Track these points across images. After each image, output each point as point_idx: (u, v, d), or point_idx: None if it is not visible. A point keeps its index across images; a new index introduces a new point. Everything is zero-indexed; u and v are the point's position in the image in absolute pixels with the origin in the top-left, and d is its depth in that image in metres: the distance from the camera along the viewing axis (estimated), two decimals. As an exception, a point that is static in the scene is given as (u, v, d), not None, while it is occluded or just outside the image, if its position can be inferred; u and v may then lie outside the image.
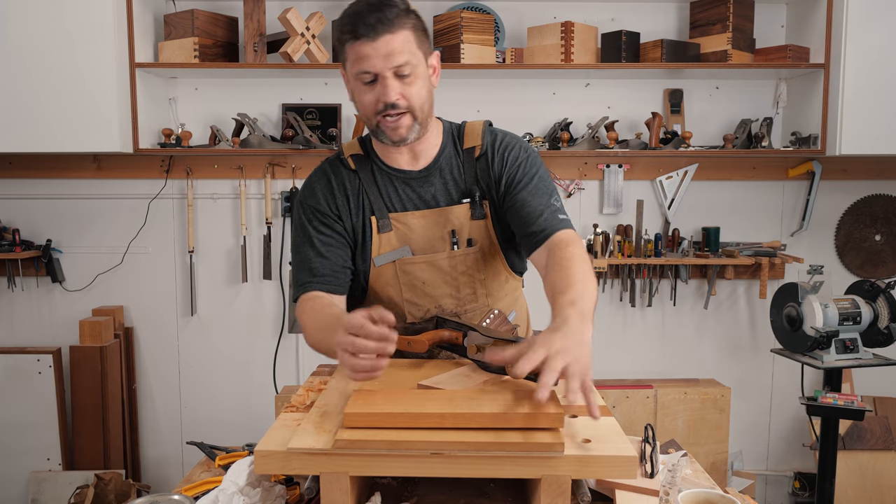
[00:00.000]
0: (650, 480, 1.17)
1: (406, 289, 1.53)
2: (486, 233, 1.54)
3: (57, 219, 3.14)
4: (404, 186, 1.54)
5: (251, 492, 1.13)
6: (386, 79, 1.39)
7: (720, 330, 3.25)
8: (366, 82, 1.41)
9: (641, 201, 3.14)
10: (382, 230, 1.52)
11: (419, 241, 1.52)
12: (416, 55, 1.41)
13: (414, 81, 1.41)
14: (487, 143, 1.55)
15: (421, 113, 1.44)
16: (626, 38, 2.89)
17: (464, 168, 1.55)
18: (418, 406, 1.06)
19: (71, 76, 2.72)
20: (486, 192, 1.54)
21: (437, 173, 1.54)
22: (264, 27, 2.87)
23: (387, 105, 1.40)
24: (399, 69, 1.38)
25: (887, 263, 3.23)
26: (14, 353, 3.07)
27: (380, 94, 1.40)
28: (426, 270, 1.52)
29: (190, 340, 3.21)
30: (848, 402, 2.51)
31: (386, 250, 1.52)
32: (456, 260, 1.53)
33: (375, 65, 1.38)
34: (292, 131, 2.96)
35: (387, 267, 1.52)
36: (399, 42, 1.37)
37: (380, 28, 1.36)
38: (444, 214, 1.53)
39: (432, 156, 1.55)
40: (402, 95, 1.41)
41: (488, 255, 1.55)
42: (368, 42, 1.36)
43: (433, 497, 1.16)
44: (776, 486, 3.31)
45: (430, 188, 1.54)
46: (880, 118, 2.78)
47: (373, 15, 1.36)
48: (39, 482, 3.02)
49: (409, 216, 1.52)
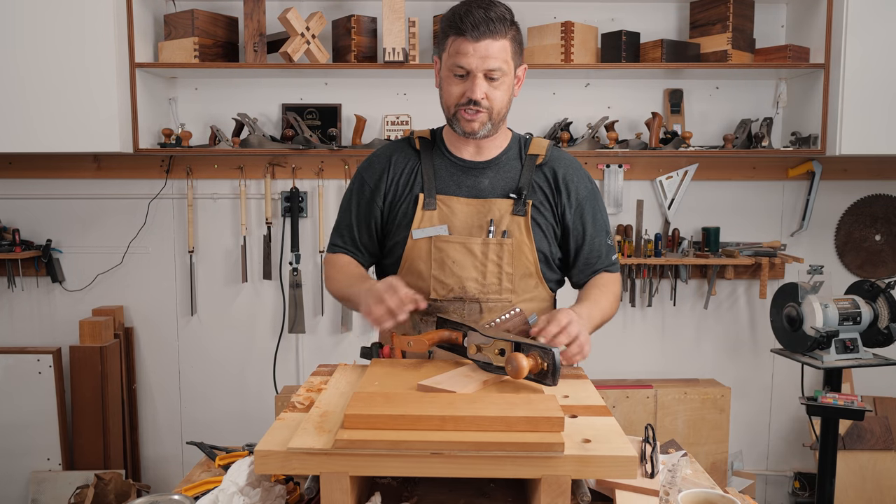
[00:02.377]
0: (650, 480, 1.17)
1: (436, 265, 1.62)
2: (522, 230, 1.62)
3: (57, 219, 3.14)
4: (460, 174, 1.66)
5: (251, 492, 1.13)
6: (476, 77, 1.53)
7: (720, 330, 3.25)
8: (457, 75, 1.55)
9: (641, 201, 3.14)
10: (427, 207, 1.63)
11: (458, 225, 1.63)
12: (509, 64, 1.55)
13: (500, 86, 1.55)
14: (550, 157, 1.69)
15: (497, 115, 1.58)
16: (626, 38, 2.89)
17: (522, 170, 1.67)
18: (419, 408, 1.06)
19: (71, 76, 2.72)
20: (534, 196, 1.65)
21: (495, 168, 1.67)
22: (264, 27, 2.87)
23: (471, 100, 1.54)
24: (490, 72, 1.53)
25: (887, 263, 3.23)
26: (14, 353, 3.07)
27: (468, 88, 1.54)
28: (458, 251, 1.61)
29: (190, 340, 3.21)
30: (848, 402, 2.51)
31: (426, 226, 1.63)
32: (488, 247, 1.61)
33: (471, 63, 1.52)
34: (292, 131, 2.96)
35: (423, 241, 1.62)
36: (497, 48, 1.52)
37: (485, 31, 1.50)
38: (488, 205, 1.63)
39: (495, 154, 1.68)
40: (487, 96, 1.55)
41: (521, 251, 1.63)
42: (471, 42, 1.51)
43: (433, 497, 1.16)
44: (776, 486, 3.31)
45: (485, 180, 1.66)
46: (880, 118, 2.78)
47: (481, 15, 1.50)
48: (39, 482, 3.02)
49: (454, 200, 1.64)
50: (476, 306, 1.62)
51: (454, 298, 1.62)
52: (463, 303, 1.62)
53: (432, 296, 1.62)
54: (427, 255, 1.62)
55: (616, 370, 3.23)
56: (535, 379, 1.28)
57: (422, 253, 1.63)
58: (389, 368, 1.39)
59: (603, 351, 3.23)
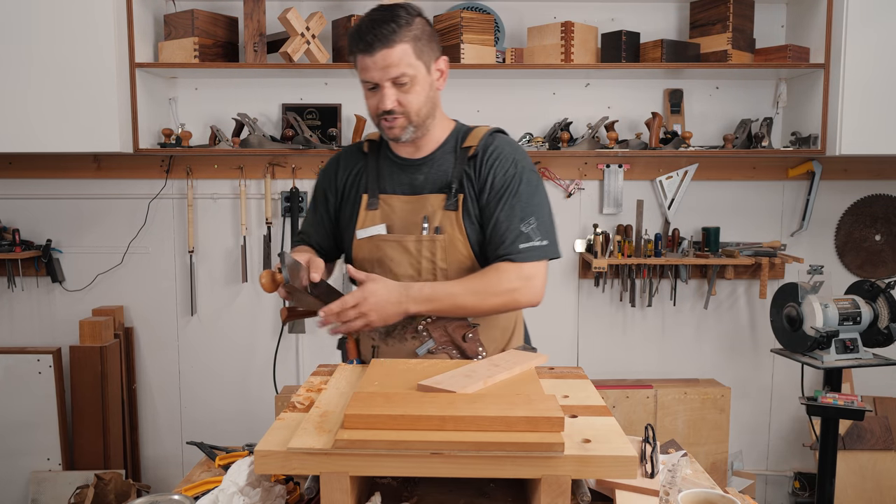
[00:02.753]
0: (650, 480, 1.17)
1: (376, 264, 1.66)
2: (455, 225, 1.61)
3: (57, 219, 3.14)
4: (399, 172, 1.69)
5: (251, 492, 1.13)
6: (384, 88, 1.56)
7: (720, 330, 3.25)
8: (369, 89, 1.59)
9: (641, 201, 3.14)
10: (370, 207, 1.68)
11: (398, 223, 1.65)
12: (415, 65, 1.56)
13: (411, 89, 1.57)
14: (482, 146, 1.66)
15: (417, 117, 1.59)
16: (626, 38, 2.89)
17: (455, 164, 1.66)
18: (419, 408, 1.06)
19: (71, 76, 2.72)
20: (468, 189, 1.63)
21: (430, 164, 1.68)
22: (264, 27, 2.87)
23: (383, 111, 1.57)
24: (396, 79, 1.55)
25: (887, 263, 3.23)
26: (14, 353, 3.07)
27: (378, 100, 1.57)
28: (395, 249, 1.64)
29: (190, 340, 3.21)
30: (848, 402, 2.51)
31: (368, 225, 1.67)
32: (422, 244, 1.63)
33: (374, 76, 1.55)
34: (292, 131, 2.96)
35: (365, 241, 1.67)
36: (396, 56, 1.53)
37: (377, 44, 1.52)
38: (423, 201, 1.65)
39: (432, 149, 1.69)
40: (399, 102, 1.57)
41: (453, 246, 1.62)
42: (367, 56, 1.54)
43: (433, 497, 1.16)
44: (776, 486, 3.31)
45: (420, 176, 1.67)
46: (880, 118, 2.78)
47: (371, 32, 1.52)
48: (39, 482, 3.02)
49: (394, 198, 1.67)
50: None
51: None
52: None
53: None
54: (369, 255, 1.66)
55: (616, 370, 3.23)
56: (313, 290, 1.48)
57: (365, 252, 1.67)
58: (389, 368, 1.39)
59: (603, 351, 3.23)
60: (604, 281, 3.18)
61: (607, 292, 3.21)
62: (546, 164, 3.12)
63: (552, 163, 3.12)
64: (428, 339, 1.64)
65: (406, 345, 1.65)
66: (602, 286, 3.19)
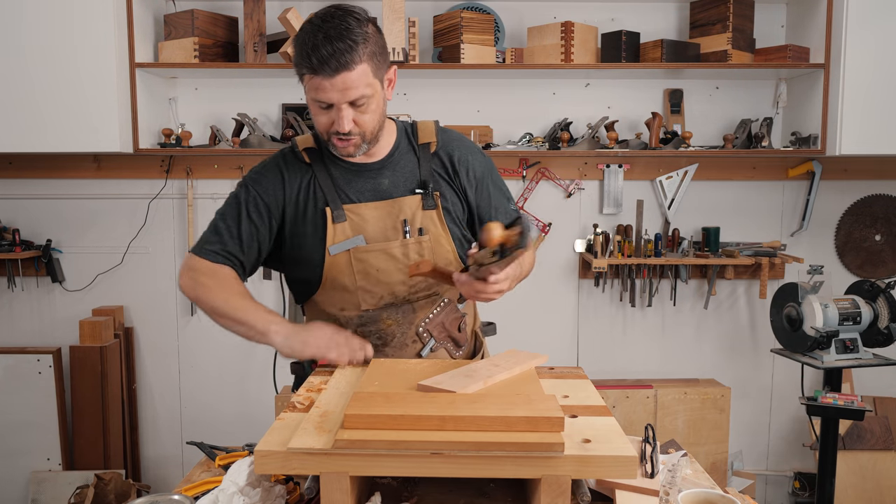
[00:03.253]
0: (650, 480, 1.17)
1: (360, 277, 1.57)
2: (436, 223, 1.60)
3: (57, 219, 3.14)
4: (358, 179, 1.59)
5: (251, 492, 1.13)
6: (341, 110, 1.44)
7: (720, 330, 3.25)
8: (321, 108, 1.46)
9: (641, 201, 3.14)
10: (337, 220, 1.56)
11: (372, 231, 1.57)
12: (373, 84, 1.46)
13: (367, 109, 1.47)
14: (441, 142, 1.64)
15: (371, 134, 1.52)
16: (626, 38, 2.89)
17: (419, 162, 1.62)
18: (419, 408, 1.06)
19: (71, 76, 2.72)
20: (439, 186, 1.62)
21: (391, 167, 1.61)
22: (264, 27, 2.87)
23: (339, 133, 1.47)
24: (355, 101, 1.44)
25: (887, 263, 3.23)
26: (14, 353, 3.07)
27: (335, 119, 1.46)
28: (380, 258, 1.57)
29: (190, 340, 3.21)
30: (848, 402, 2.51)
31: (340, 239, 1.56)
32: (408, 248, 1.58)
33: (331, 97, 1.43)
34: (292, 131, 2.96)
35: (341, 256, 1.56)
36: (355, 77, 1.41)
37: (337, 66, 1.39)
38: (397, 205, 1.58)
39: (386, 151, 1.61)
40: (356, 122, 1.47)
41: (439, 244, 1.60)
42: (326, 79, 1.40)
43: (433, 497, 1.16)
44: (776, 486, 3.31)
45: (384, 180, 1.60)
46: (880, 118, 2.78)
47: (328, 52, 1.38)
48: (39, 482, 3.02)
49: (362, 207, 1.58)
50: (408, 307, 1.61)
51: (385, 305, 1.59)
52: (395, 307, 1.60)
53: (363, 307, 1.59)
54: (349, 269, 1.56)
55: (616, 370, 3.23)
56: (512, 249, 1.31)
57: (342, 267, 1.56)
58: (389, 368, 1.39)
59: (603, 351, 3.23)
60: (604, 281, 3.18)
61: (607, 292, 3.21)
62: (546, 164, 3.12)
63: (552, 163, 3.12)
64: (429, 339, 1.64)
65: (407, 350, 1.63)
66: (602, 286, 3.19)
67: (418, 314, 1.62)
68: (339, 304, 1.61)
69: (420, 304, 1.62)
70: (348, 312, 1.60)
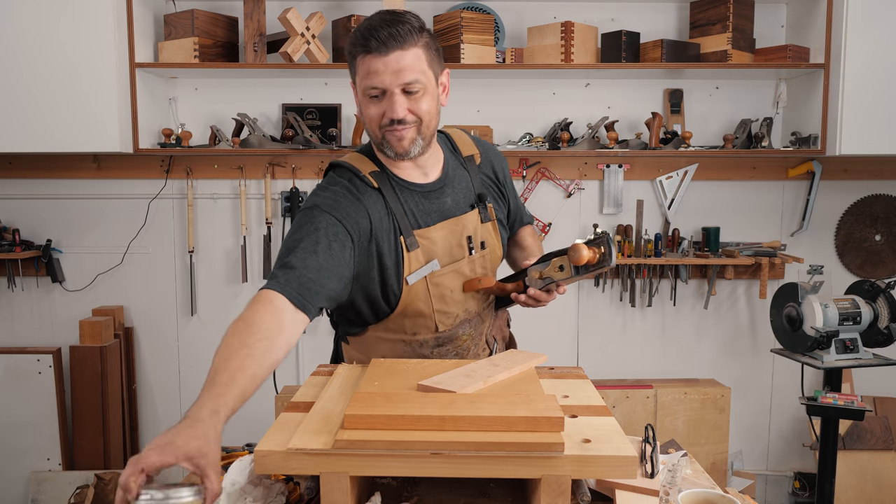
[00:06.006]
0: (650, 480, 1.17)
1: (436, 300, 1.54)
2: (492, 234, 1.62)
3: (57, 219, 3.14)
4: (423, 200, 1.53)
5: (252, 490, 1.13)
6: (394, 95, 1.39)
7: (720, 330, 3.25)
8: (372, 97, 1.42)
9: (641, 201, 3.14)
10: (411, 248, 1.49)
11: (441, 253, 1.53)
12: (427, 74, 1.42)
13: (422, 98, 1.42)
14: (481, 150, 1.67)
15: (427, 129, 1.45)
16: (626, 38, 2.89)
17: (470, 176, 1.61)
18: (419, 408, 1.06)
19: (71, 76, 2.72)
20: (489, 196, 1.64)
21: (450, 184, 1.57)
22: (264, 27, 2.87)
23: (393, 121, 1.41)
24: (408, 86, 1.39)
25: (887, 263, 3.23)
26: (14, 353, 3.07)
27: (387, 108, 1.41)
28: (452, 278, 1.55)
29: (190, 340, 3.21)
30: (848, 402, 2.51)
31: (416, 267, 1.50)
32: (475, 263, 1.58)
33: (384, 80, 1.38)
34: (292, 131, 2.96)
35: (418, 283, 1.51)
36: (409, 59, 1.38)
37: (391, 44, 1.36)
38: (460, 223, 1.56)
39: (440, 169, 1.57)
40: (410, 111, 1.42)
41: (495, 254, 1.63)
42: (379, 57, 1.37)
43: (433, 497, 1.16)
44: (776, 486, 3.31)
45: (446, 199, 1.56)
46: (880, 118, 2.78)
47: (385, 30, 1.37)
48: (39, 482, 3.02)
49: (430, 231, 1.52)
50: (478, 319, 1.63)
51: (461, 323, 1.59)
52: (469, 322, 1.60)
53: (440, 329, 1.56)
54: (426, 294, 1.52)
55: (616, 370, 3.23)
56: (594, 268, 1.42)
57: (419, 294, 1.51)
58: (389, 368, 1.39)
59: (603, 351, 3.23)
60: (604, 281, 3.18)
61: (607, 292, 3.21)
62: (546, 164, 3.12)
63: (552, 163, 3.12)
64: (494, 343, 1.70)
65: (480, 358, 1.61)
66: (602, 286, 3.19)
67: (485, 323, 1.65)
68: (412, 330, 1.56)
69: (485, 313, 1.65)
70: (422, 336, 1.56)
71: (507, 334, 1.79)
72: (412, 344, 1.57)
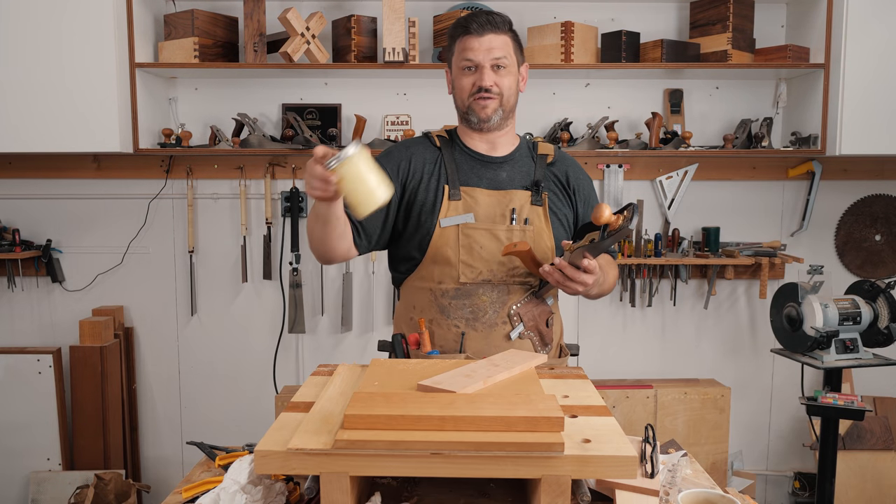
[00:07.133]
0: (650, 480, 1.17)
1: (464, 251, 1.72)
2: (541, 217, 1.76)
3: (57, 219, 3.15)
4: (480, 167, 1.79)
5: (252, 489, 1.13)
6: (485, 68, 1.71)
7: (720, 330, 3.25)
8: (466, 68, 1.73)
9: (641, 201, 3.14)
10: (452, 198, 1.74)
11: (482, 213, 1.74)
12: (512, 58, 1.75)
13: (507, 75, 1.74)
14: (558, 157, 1.86)
15: (507, 102, 1.76)
16: (626, 38, 2.89)
17: (535, 166, 1.82)
18: (419, 408, 1.06)
19: (71, 76, 2.72)
20: (553, 189, 1.81)
21: (511, 163, 1.81)
22: (264, 27, 2.87)
23: (481, 88, 1.72)
24: (497, 61, 1.71)
25: (887, 263, 3.23)
26: (14, 353, 3.07)
27: (477, 78, 1.72)
28: (485, 237, 1.73)
29: (190, 340, 3.21)
30: (848, 402, 2.51)
31: (452, 214, 1.73)
32: (513, 233, 1.73)
33: (478, 56, 1.71)
34: (292, 131, 2.96)
35: (450, 229, 1.72)
36: (500, 42, 1.72)
37: (487, 28, 1.71)
38: (508, 196, 1.76)
39: (508, 150, 1.83)
40: (496, 83, 1.72)
41: (541, 237, 1.75)
42: (475, 37, 1.71)
43: (433, 497, 1.16)
44: (776, 486, 3.32)
45: (503, 173, 1.79)
46: (880, 118, 2.78)
47: (483, 17, 1.73)
48: (39, 482, 3.02)
49: (477, 191, 1.76)
50: (504, 288, 1.73)
51: (483, 282, 1.72)
52: (492, 286, 1.73)
53: (462, 279, 1.72)
54: (455, 242, 1.72)
55: (616, 370, 3.23)
56: (615, 234, 1.46)
57: (449, 240, 1.72)
58: (389, 368, 1.39)
59: (603, 351, 3.23)
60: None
61: (607, 292, 3.21)
62: (546, 164, 3.12)
63: (552, 163, 3.12)
64: (519, 323, 1.73)
65: (496, 330, 1.73)
66: (602, 286, 3.19)
67: (511, 297, 1.74)
68: (438, 278, 1.74)
69: (514, 287, 1.74)
70: (446, 285, 1.73)
71: (547, 334, 1.78)
72: (436, 292, 1.74)
